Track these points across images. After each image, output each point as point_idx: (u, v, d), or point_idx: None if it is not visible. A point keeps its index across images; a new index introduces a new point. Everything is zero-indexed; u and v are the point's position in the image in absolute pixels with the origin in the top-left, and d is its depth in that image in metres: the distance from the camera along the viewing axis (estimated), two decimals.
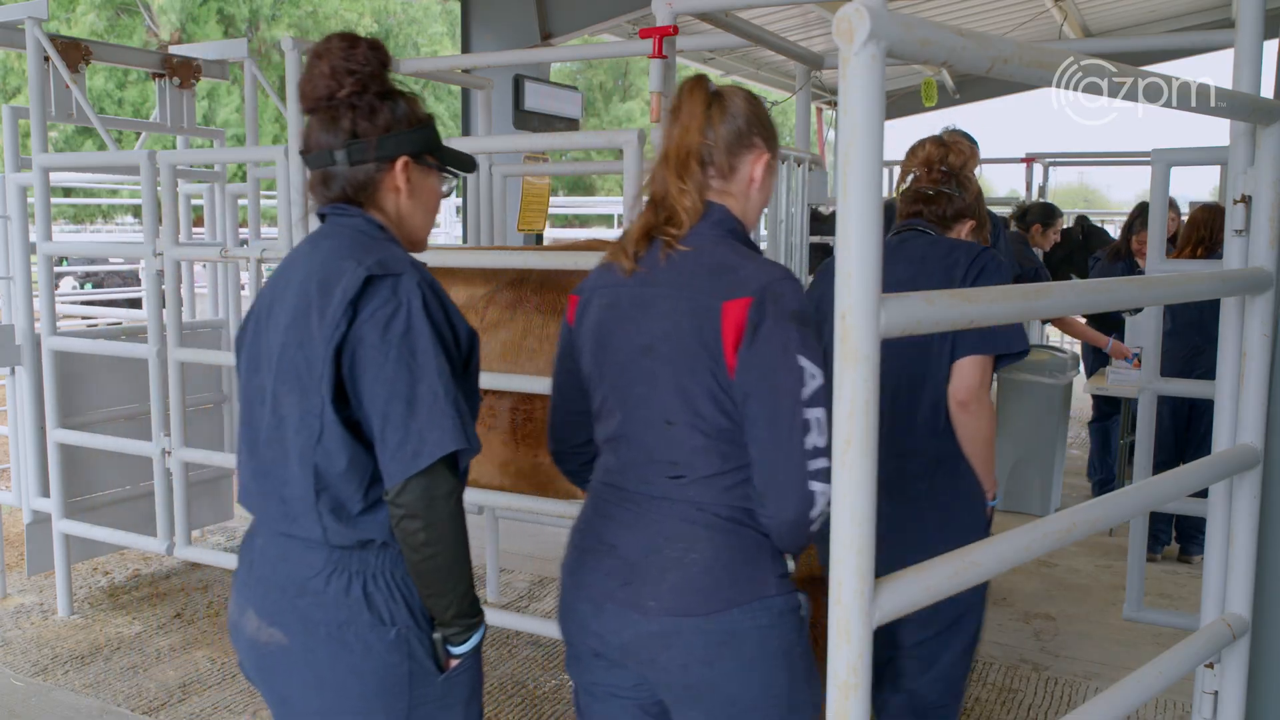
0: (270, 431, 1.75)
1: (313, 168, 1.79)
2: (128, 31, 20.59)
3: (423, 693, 1.75)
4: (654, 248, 1.82)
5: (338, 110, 1.73)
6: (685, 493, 1.76)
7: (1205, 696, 2.13)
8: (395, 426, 1.64)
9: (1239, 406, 2.02)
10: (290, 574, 1.75)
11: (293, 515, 1.73)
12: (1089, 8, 9.81)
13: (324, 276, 1.70)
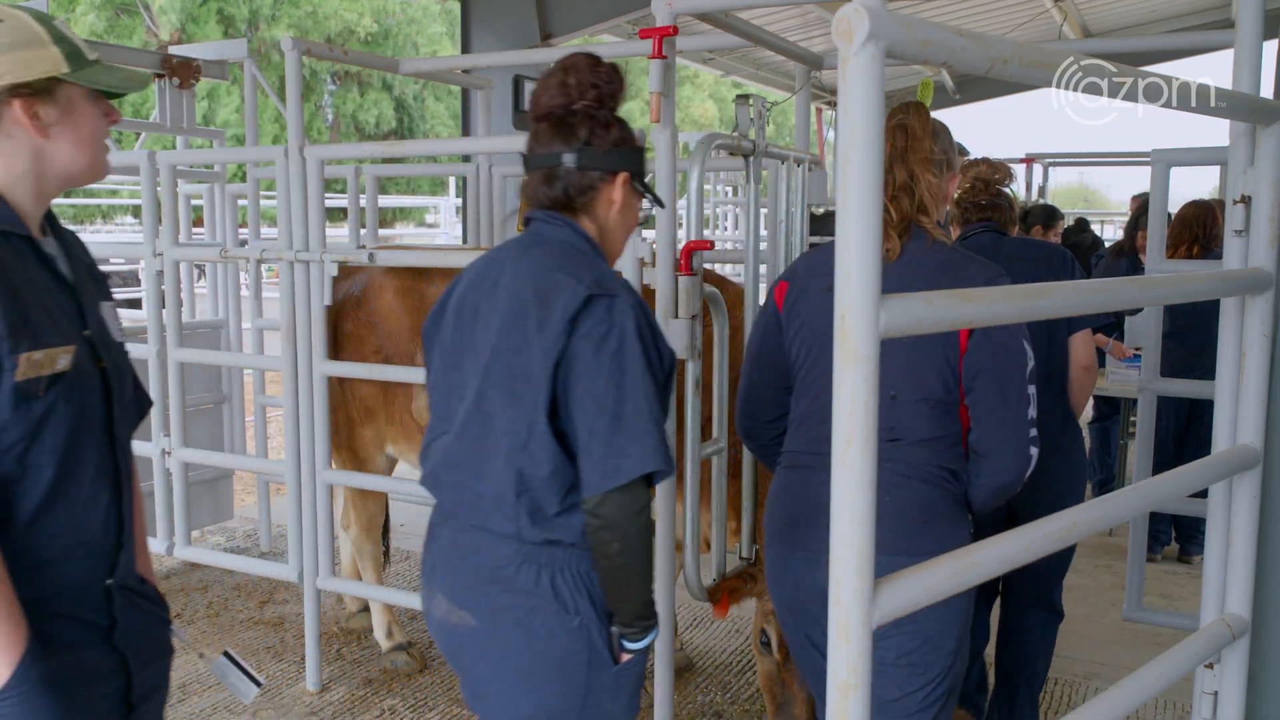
0: (473, 428, 1.85)
1: (536, 168, 1.93)
2: (127, 32, 20.59)
3: (598, 680, 1.85)
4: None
5: (574, 118, 1.87)
6: (900, 454, 2.02)
7: (1205, 696, 2.13)
8: (600, 440, 1.74)
9: (1238, 407, 2.02)
10: (481, 563, 1.86)
11: (487, 510, 1.85)
12: (1089, 8, 9.81)
13: (541, 287, 1.81)
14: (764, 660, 2.98)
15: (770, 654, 2.93)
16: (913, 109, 2.20)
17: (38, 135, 1.58)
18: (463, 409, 1.87)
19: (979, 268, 2.11)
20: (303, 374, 3.61)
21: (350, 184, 4.90)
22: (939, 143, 2.22)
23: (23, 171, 1.59)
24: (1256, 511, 2.03)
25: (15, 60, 1.53)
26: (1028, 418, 2.00)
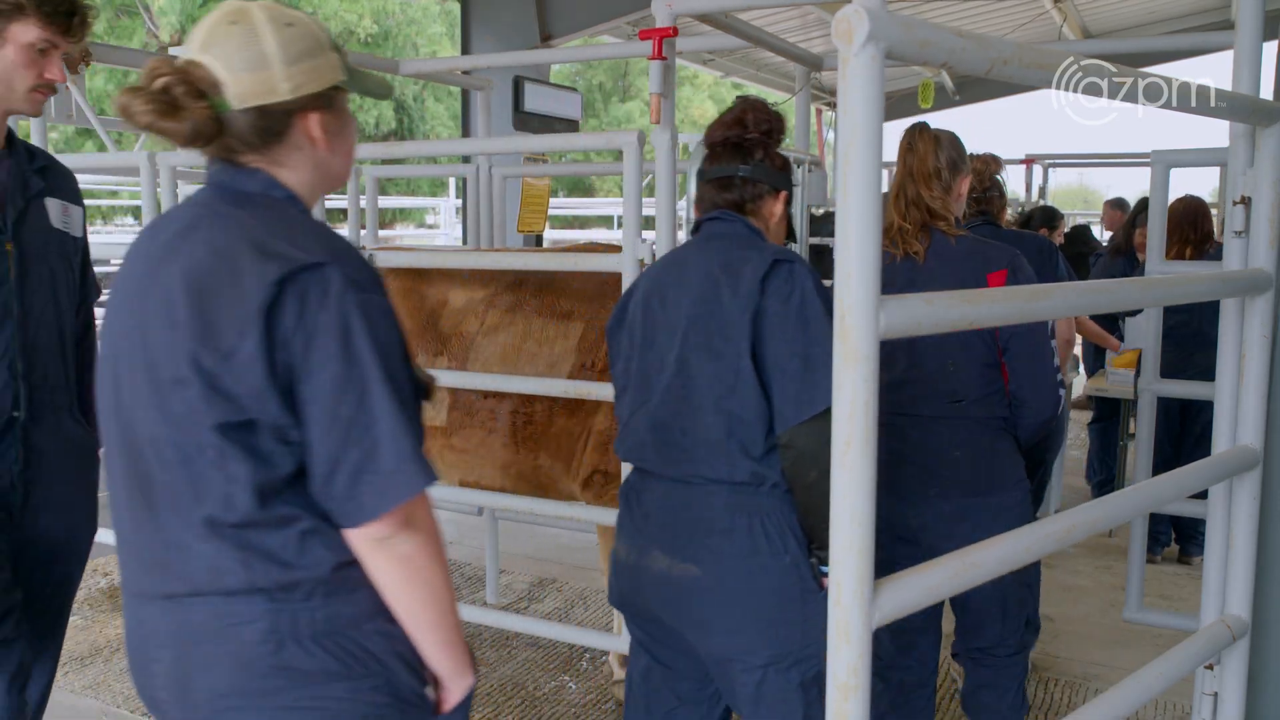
0: (676, 390, 2.07)
1: (713, 178, 2.24)
2: (128, 33, 20.60)
3: (812, 609, 1.99)
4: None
5: (750, 143, 2.21)
6: (964, 411, 2.49)
7: (1205, 698, 2.14)
8: (792, 379, 1.97)
9: (1238, 407, 2.02)
10: (697, 516, 2.05)
11: (701, 457, 2.04)
12: (1089, 9, 9.82)
13: (727, 262, 2.07)
14: None
15: None
16: (917, 132, 2.59)
17: (324, 148, 1.55)
18: (663, 379, 2.10)
19: (998, 251, 2.52)
20: None
21: (350, 185, 4.90)
22: (943, 153, 2.58)
23: (308, 184, 1.56)
24: (1256, 512, 2.04)
25: (310, 69, 1.49)
26: (1054, 368, 2.48)
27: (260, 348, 1.36)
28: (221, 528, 1.42)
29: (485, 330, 3.57)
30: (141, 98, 1.43)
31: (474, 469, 3.62)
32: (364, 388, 1.39)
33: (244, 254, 1.40)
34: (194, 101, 1.43)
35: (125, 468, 1.50)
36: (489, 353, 3.54)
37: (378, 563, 1.46)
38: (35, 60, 2.13)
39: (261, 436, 1.40)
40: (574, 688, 3.83)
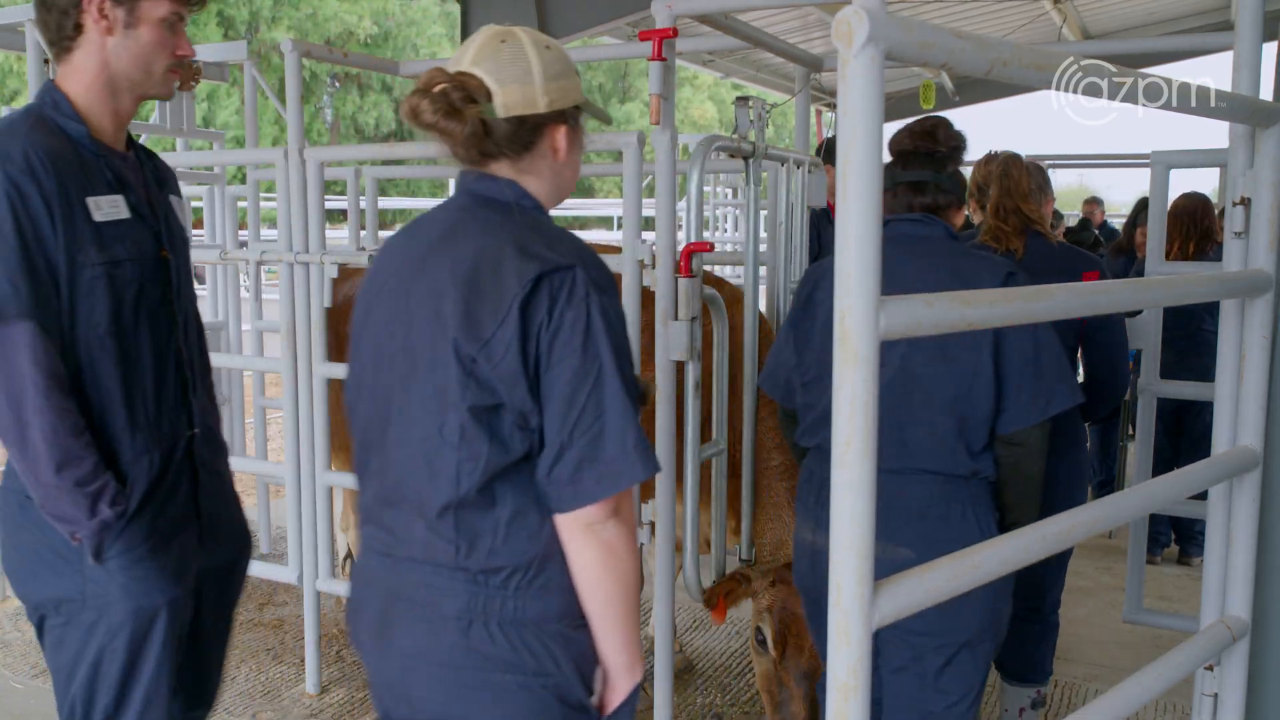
0: (896, 388, 2.20)
1: (910, 180, 2.39)
2: None
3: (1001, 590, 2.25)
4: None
5: (943, 155, 2.41)
6: None
7: (1205, 699, 2.13)
8: (1027, 383, 2.18)
9: (1238, 408, 2.02)
10: (910, 504, 2.21)
11: (918, 453, 2.21)
12: (1088, 10, 9.82)
13: (955, 269, 2.25)
14: (760, 659, 2.97)
15: (766, 652, 2.93)
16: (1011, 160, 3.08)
17: (563, 159, 1.70)
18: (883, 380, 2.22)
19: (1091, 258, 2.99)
20: (302, 376, 3.61)
21: (350, 186, 4.90)
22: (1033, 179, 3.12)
23: (547, 192, 1.71)
24: (1256, 513, 2.03)
25: (563, 88, 1.66)
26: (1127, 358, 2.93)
27: (516, 337, 1.52)
28: (447, 505, 1.57)
29: None
30: (428, 99, 1.59)
31: None
32: (598, 381, 1.52)
33: (507, 253, 1.56)
34: (468, 106, 1.59)
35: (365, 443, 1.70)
36: None
37: (582, 548, 1.58)
38: (167, 37, 1.99)
39: (504, 420, 1.55)
40: None
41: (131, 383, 1.97)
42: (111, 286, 1.92)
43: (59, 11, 1.94)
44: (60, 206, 1.85)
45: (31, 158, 1.83)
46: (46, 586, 1.98)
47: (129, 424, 1.97)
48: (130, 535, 1.96)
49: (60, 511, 1.87)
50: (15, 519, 1.99)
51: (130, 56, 1.97)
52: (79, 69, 1.97)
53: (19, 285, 1.80)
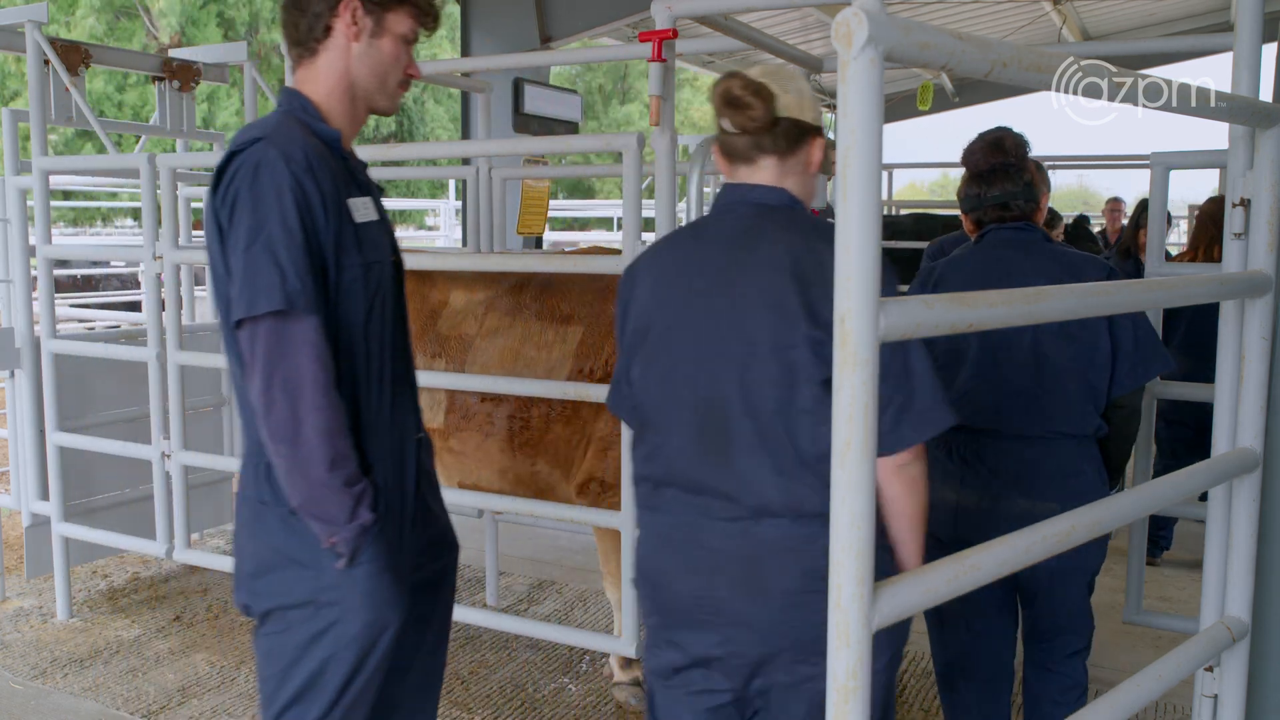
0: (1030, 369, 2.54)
1: (998, 201, 2.65)
2: (127, 35, 20.59)
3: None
4: None
5: (1015, 165, 2.65)
6: None
7: (1205, 700, 2.13)
8: (1129, 354, 2.53)
9: (1238, 410, 2.02)
10: (1055, 465, 2.55)
11: (1056, 418, 2.54)
12: (1088, 11, 9.82)
13: (1068, 264, 2.59)
14: None
15: None
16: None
17: (812, 171, 2.00)
18: (1016, 357, 2.56)
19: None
20: None
21: None
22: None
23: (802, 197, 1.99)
24: (1256, 514, 2.03)
25: (817, 109, 1.97)
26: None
27: None
28: (808, 462, 1.83)
29: (484, 333, 3.57)
30: (738, 81, 1.90)
31: (471, 472, 3.62)
32: (906, 348, 1.79)
33: (820, 248, 1.84)
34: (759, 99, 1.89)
35: (697, 421, 1.89)
36: (487, 356, 3.54)
37: (895, 483, 1.87)
38: (403, 53, 2.03)
39: None
40: (574, 689, 3.82)
41: (374, 386, 1.99)
42: (365, 288, 1.95)
43: (312, 14, 1.96)
44: (332, 206, 1.88)
45: (311, 158, 1.87)
46: (276, 592, 1.95)
47: (374, 427, 1.98)
48: (376, 544, 1.93)
49: (324, 512, 1.85)
50: (251, 524, 1.98)
51: (370, 66, 2.00)
52: (322, 74, 2.00)
53: (305, 281, 1.82)
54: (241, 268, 1.81)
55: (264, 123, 1.93)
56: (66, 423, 4.41)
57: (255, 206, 1.82)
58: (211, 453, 4.99)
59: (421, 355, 3.63)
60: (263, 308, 1.79)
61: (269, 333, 1.81)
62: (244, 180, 1.83)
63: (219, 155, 5.15)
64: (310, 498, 1.85)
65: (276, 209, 1.81)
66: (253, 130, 1.90)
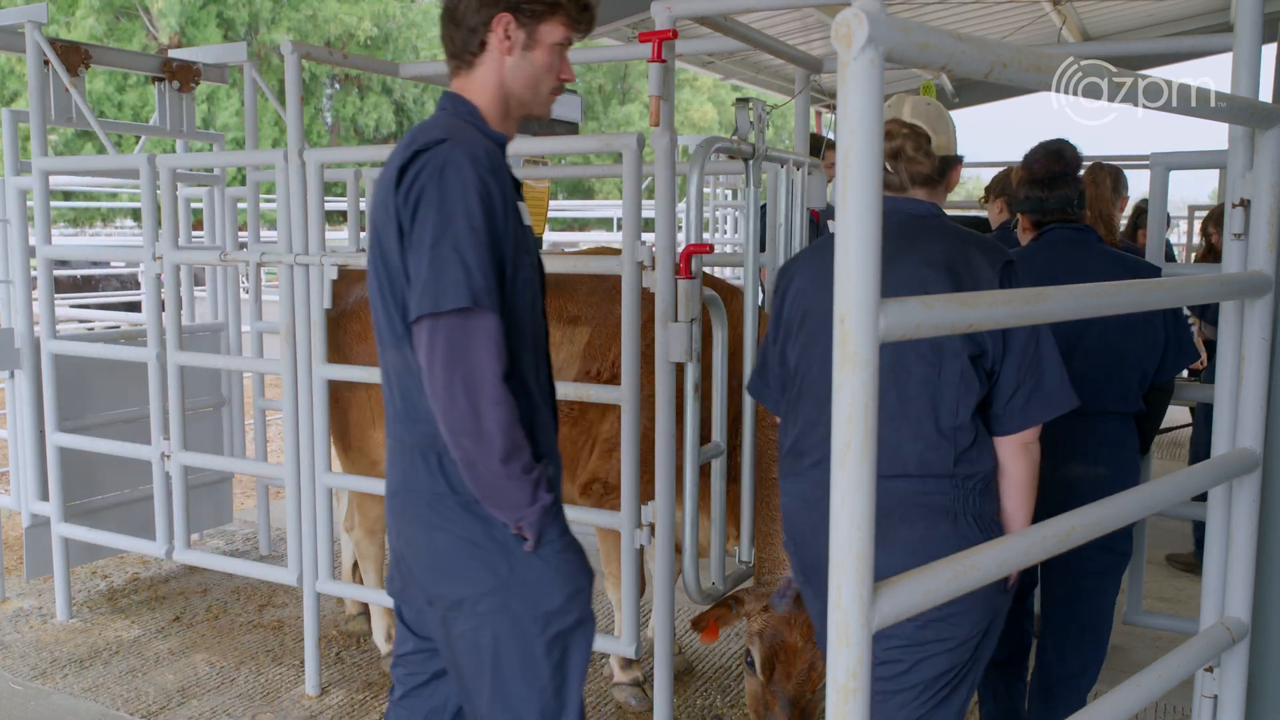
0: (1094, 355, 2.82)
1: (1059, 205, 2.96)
2: (127, 35, 20.60)
3: None
4: None
5: (1069, 178, 2.97)
6: None
7: (1205, 700, 2.13)
8: (1175, 343, 2.88)
9: (1238, 410, 2.02)
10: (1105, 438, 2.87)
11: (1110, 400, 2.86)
12: (1088, 12, 9.81)
13: (1123, 262, 2.90)
14: (750, 679, 2.97)
15: (755, 674, 2.92)
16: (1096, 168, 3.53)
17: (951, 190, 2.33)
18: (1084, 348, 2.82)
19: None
20: (302, 377, 3.61)
21: (350, 187, 4.90)
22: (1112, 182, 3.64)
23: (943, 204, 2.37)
24: (1256, 515, 2.04)
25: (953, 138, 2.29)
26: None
27: None
28: (946, 430, 2.09)
29: None
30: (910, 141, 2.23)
31: None
32: (1036, 336, 2.08)
33: (970, 249, 2.17)
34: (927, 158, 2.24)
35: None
36: None
37: (1018, 458, 2.14)
38: (556, 61, 2.07)
39: (982, 366, 2.10)
40: None
41: (532, 381, 2.06)
42: (529, 288, 2.01)
43: (467, 29, 2.02)
44: (511, 207, 1.94)
45: (494, 159, 1.93)
46: (465, 582, 1.97)
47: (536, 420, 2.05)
48: (556, 522, 2.01)
49: (507, 499, 1.90)
50: (426, 518, 2.00)
51: (524, 77, 2.05)
52: (480, 84, 2.05)
53: (489, 279, 1.85)
54: (426, 265, 1.84)
55: (441, 124, 1.97)
56: (66, 423, 4.41)
57: (441, 205, 1.85)
58: (211, 453, 4.99)
59: None
60: (448, 305, 1.82)
61: (452, 329, 1.83)
62: (430, 179, 1.87)
63: (220, 156, 5.17)
64: (493, 487, 1.89)
65: (462, 207, 1.84)
66: (433, 130, 1.93)
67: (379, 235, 1.95)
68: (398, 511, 2.04)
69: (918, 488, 2.09)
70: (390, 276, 1.93)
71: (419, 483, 2.00)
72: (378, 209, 1.96)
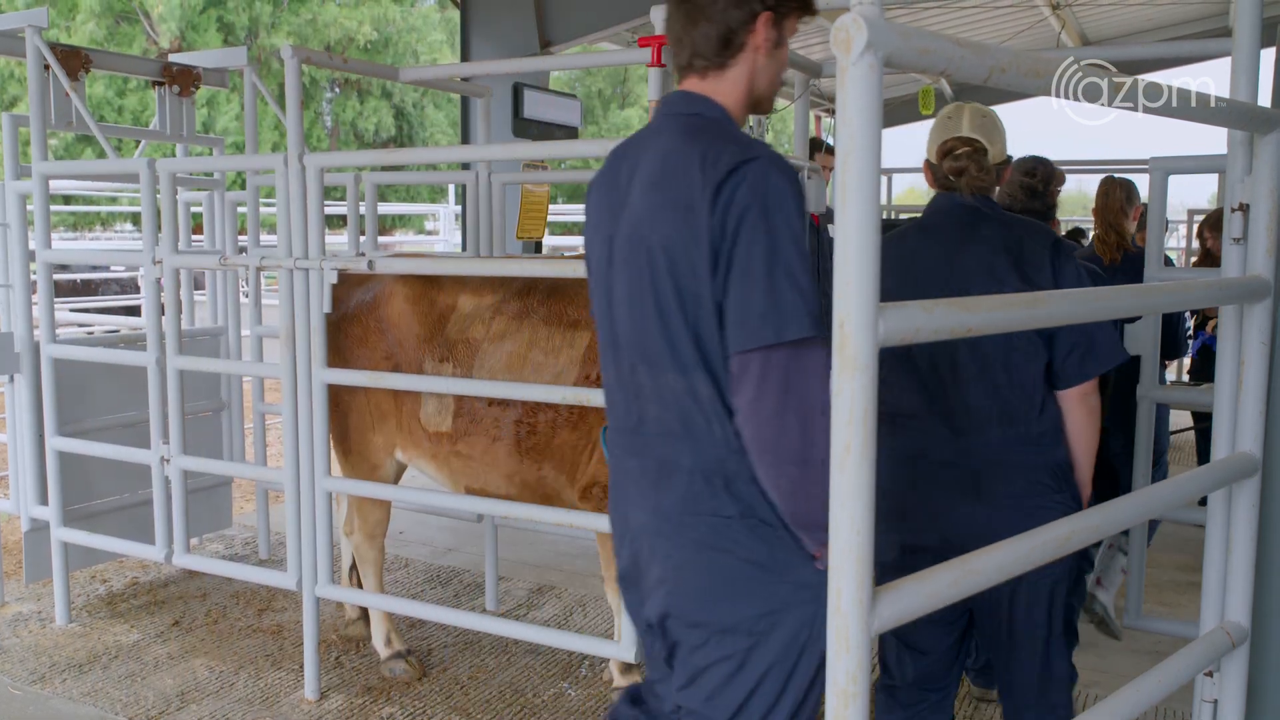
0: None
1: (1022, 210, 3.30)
2: (127, 39, 20.62)
3: None
4: None
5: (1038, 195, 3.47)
6: None
7: (1205, 705, 2.13)
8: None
9: (1237, 414, 2.02)
10: None
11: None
12: (1087, 16, 9.83)
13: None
14: None
15: None
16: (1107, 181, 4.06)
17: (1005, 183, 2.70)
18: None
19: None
20: (302, 382, 3.61)
21: (350, 191, 4.91)
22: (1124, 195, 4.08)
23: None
24: (1256, 519, 2.04)
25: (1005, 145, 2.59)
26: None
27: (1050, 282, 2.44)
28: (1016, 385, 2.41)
29: (491, 337, 3.56)
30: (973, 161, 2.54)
31: (479, 476, 3.62)
32: None
33: (1025, 235, 2.49)
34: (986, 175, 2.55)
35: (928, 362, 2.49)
36: (495, 360, 3.53)
37: (1079, 409, 2.44)
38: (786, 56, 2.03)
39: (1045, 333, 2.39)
40: (573, 694, 3.82)
41: None
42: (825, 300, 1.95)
43: (725, 27, 1.92)
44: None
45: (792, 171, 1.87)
46: (745, 605, 1.91)
47: None
48: None
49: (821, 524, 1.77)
50: (708, 541, 1.92)
51: (770, 76, 1.99)
52: (731, 86, 1.97)
53: (819, 305, 1.76)
54: (762, 293, 1.76)
55: (728, 134, 1.90)
56: (66, 427, 4.41)
57: (769, 228, 1.77)
58: (210, 457, 4.99)
59: (430, 360, 3.63)
60: (791, 334, 1.75)
61: (788, 359, 1.78)
62: (753, 199, 1.78)
63: (220, 160, 5.16)
64: (811, 513, 1.82)
65: (789, 230, 1.77)
66: (740, 146, 1.85)
67: (671, 256, 1.85)
68: (669, 534, 1.95)
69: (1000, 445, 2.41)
70: (682, 299, 1.85)
71: (701, 505, 1.92)
72: (665, 227, 1.86)
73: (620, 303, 1.97)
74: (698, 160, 1.83)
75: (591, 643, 3.44)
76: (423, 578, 5.09)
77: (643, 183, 1.92)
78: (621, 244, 1.96)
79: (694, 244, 1.81)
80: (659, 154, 1.91)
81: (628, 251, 1.94)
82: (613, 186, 2.01)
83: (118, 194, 12.05)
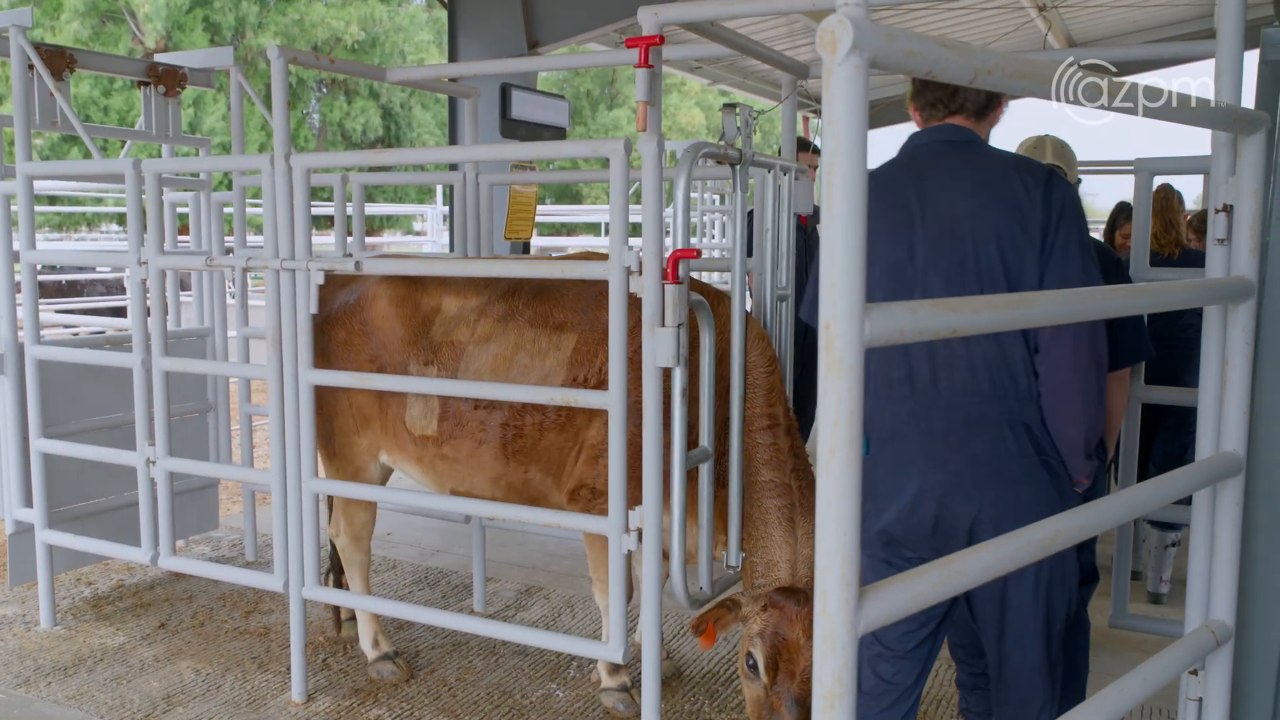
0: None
1: None
2: (113, 39, 20.52)
3: None
4: None
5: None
6: None
7: (1190, 703, 2.14)
8: None
9: (1221, 414, 2.03)
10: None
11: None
12: (1073, 18, 9.87)
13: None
14: (751, 685, 2.92)
15: (757, 678, 2.88)
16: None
17: None
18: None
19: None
20: (288, 383, 3.60)
21: (337, 192, 4.89)
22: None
23: None
24: (1240, 518, 2.05)
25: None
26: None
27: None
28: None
29: (477, 340, 3.55)
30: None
31: (465, 479, 3.61)
32: None
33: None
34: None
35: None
36: (480, 363, 3.52)
37: (1116, 388, 2.69)
38: None
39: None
40: (561, 695, 3.82)
41: None
42: None
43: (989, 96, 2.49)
44: None
45: None
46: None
47: None
48: None
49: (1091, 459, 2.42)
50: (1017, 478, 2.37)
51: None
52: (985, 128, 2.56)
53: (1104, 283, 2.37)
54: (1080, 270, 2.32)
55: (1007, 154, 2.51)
56: (50, 429, 4.38)
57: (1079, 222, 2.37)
58: (197, 459, 4.97)
59: (415, 363, 3.62)
60: None
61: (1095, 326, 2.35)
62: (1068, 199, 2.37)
63: (206, 160, 5.14)
64: (1093, 443, 2.39)
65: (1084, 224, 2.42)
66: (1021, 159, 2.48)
67: (1000, 242, 2.32)
68: (988, 476, 2.36)
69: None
70: (1008, 273, 2.32)
71: (1008, 449, 2.36)
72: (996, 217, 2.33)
73: (935, 286, 2.38)
74: (1012, 169, 2.38)
75: (580, 644, 3.44)
76: (410, 579, 5.08)
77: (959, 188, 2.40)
78: (932, 237, 2.39)
79: (1021, 230, 2.32)
80: (968, 165, 2.43)
81: (945, 242, 2.38)
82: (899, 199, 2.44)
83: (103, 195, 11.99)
